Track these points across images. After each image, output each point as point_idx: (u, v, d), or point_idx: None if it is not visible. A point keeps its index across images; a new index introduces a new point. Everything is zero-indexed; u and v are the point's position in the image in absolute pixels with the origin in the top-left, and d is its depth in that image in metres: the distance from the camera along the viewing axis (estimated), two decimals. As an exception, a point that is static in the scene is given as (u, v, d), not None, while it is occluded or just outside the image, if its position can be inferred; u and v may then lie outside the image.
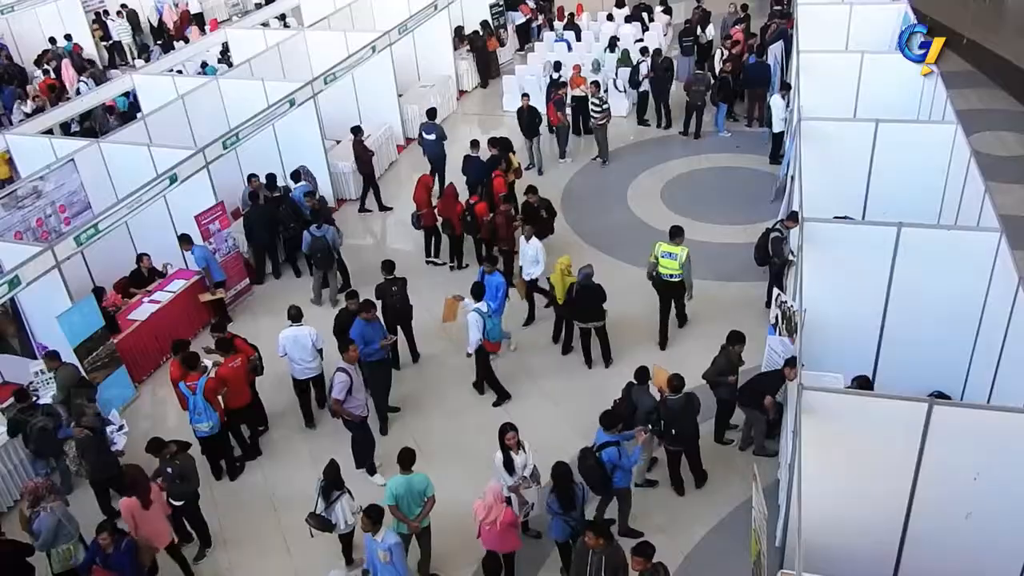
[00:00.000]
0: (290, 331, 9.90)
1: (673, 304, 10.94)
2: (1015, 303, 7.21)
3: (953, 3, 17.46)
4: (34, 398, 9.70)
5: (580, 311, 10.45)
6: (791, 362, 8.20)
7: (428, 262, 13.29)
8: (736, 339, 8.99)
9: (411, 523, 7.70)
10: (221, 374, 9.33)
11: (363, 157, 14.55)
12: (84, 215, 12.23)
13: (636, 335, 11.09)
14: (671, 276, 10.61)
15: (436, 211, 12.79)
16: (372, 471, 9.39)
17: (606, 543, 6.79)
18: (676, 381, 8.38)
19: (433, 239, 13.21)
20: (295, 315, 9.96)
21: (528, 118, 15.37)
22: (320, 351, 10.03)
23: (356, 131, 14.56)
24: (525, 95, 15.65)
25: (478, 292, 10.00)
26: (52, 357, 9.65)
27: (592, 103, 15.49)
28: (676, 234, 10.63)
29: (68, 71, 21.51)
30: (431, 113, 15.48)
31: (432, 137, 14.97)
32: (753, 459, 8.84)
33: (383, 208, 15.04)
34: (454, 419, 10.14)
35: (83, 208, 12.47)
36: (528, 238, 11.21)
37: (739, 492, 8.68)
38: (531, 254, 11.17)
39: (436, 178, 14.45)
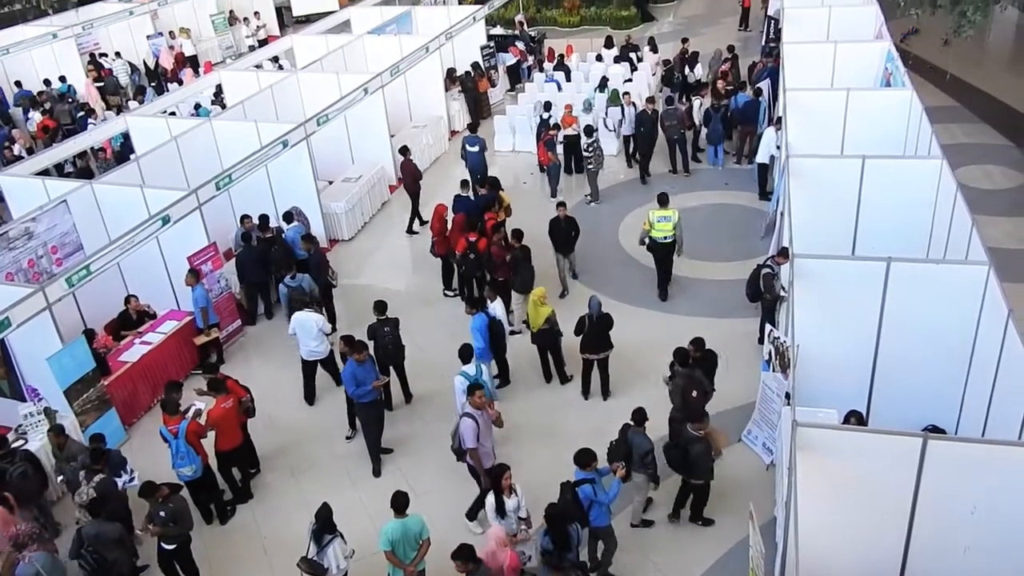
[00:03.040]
0: (300, 314, 10.82)
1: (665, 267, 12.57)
2: (1006, 335, 7.24)
3: (936, 40, 17.78)
4: (20, 441, 9.62)
5: (594, 343, 10.48)
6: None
7: (446, 294, 13.40)
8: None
9: (407, 568, 7.60)
10: (213, 416, 9.27)
11: (416, 175, 15.22)
12: (76, 256, 12.22)
13: (631, 371, 11.08)
14: (665, 238, 12.17)
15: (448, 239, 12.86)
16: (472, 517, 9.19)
17: (472, 569, 6.94)
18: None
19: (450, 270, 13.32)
20: (307, 303, 11.14)
21: (565, 229, 12.92)
22: (327, 335, 11.04)
23: (404, 151, 15.31)
24: (561, 204, 13.20)
25: (465, 354, 9.68)
26: (58, 432, 9.32)
27: (584, 148, 15.62)
28: (665, 200, 12.40)
29: (92, 90, 22.03)
30: (473, 127, 16.58)
31: (476, 149, 15.80)
32: (751, 498, 8.77)
33: (412, 231, 15.55)
34: (448, 459, 10.02)
35: (75, 249, 12.47)
36: (492, 299, 11.01)
37: (736, 531, 8.60)
38: (499, 315, 10.93)
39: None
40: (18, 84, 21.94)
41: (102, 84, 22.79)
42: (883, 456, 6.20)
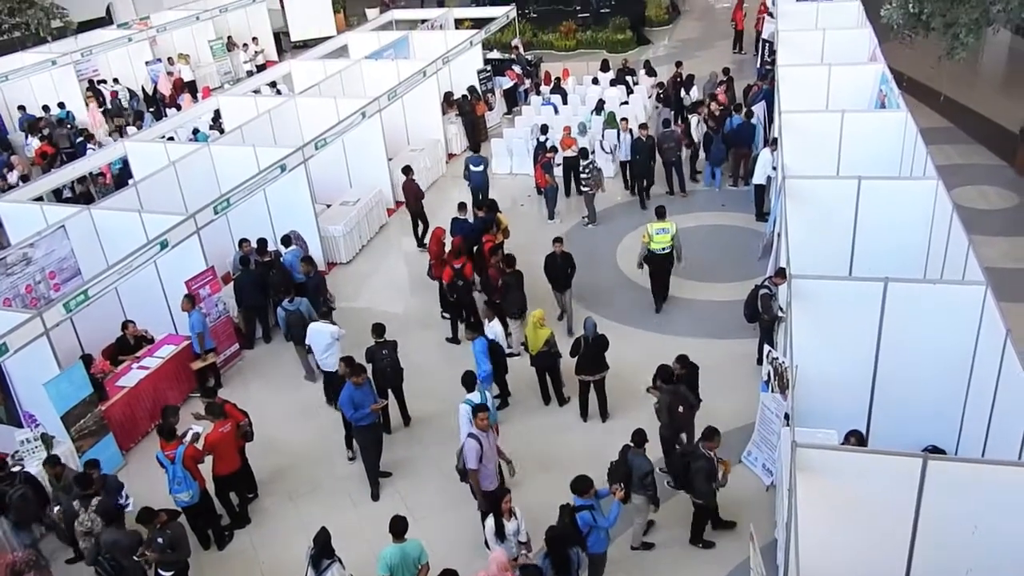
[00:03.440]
0: (315, 325, 11.22)
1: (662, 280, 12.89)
2: (1004, 355, 7.24)
3: (929, 62, 17.93)
4: (18, 467, 9.56)
5: (590, 364, 10.48)
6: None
7: (444, 316, 13.28)
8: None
9: (405, 592, 7.55)
10: (210, 440, 9.23)
11: (418, 195, 15.54)
12: (74, 281, 12.22)
13: (629, 393, 11.04)
14: (664, 249, 12.47)
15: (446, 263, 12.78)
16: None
17: None
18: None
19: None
20: (325, 314, 11.44)
21: (561, 266, 12.39)
22: (338, 340, 11.17)
23: (407, 171, 15.52)
24: (557, 240, 12.54)
25: (469, 382, 9.49)
26: (54, 463, 9.24)
27: (580, 170, 15.71)
28: (663, 213, 12.84)
29: (96, 114, 22.16)
30: (475, 147, 17.46)
31: (480, 168, 16.22)
32: (751, 519, 8.73)
33: (422, 244, 15.60)
34: (447, 483, 9.98)
35: (73, 274, 12.47)
36: (489, 319, 11.03)
37: (737, 553, 8.57)
38: (490, 336, 10.87)
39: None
40: (22, 108, 22.07)
41: (107, 107, 23.02)
42: (883, 477, 6.18)
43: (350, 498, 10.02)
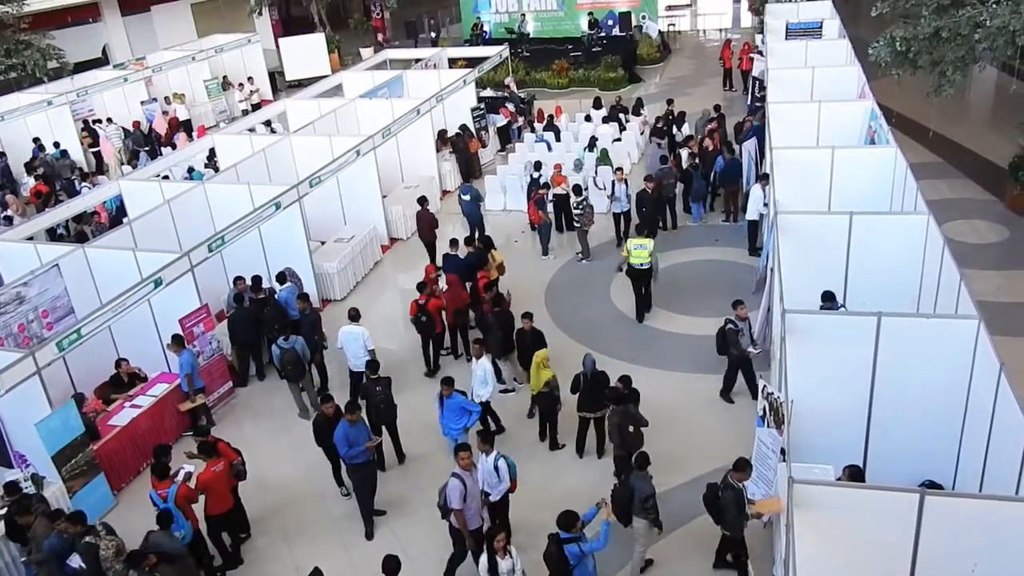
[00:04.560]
0: (346, 327, 11.67)
1: (643, 291, 13.69)
2: (999, 389, 7.24)
3: (918, 98, 18.18)
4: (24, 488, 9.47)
5: (591, 401, 10.45)
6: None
7: (439, 353, 13.22)
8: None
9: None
10: (203, 479, 9.15)
11: (432, 224, 15.92)
12: (67, 320, 12.18)
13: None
14: (641, 264, 13.32)
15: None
16: None
17: None
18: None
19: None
20: (354, 316, 11.81)
21: (529, 345, 11.26)
22: (372, 351, 11.49)
23: (422, 201, 16.00)
24: (527, 315, 11.63)
25: (488, 439, 9.22)
26: (24, 511, 9.00)
27: (573, 207, 15.81)
28: (641, 230, 13.69)
29: (106, 144, 22.59)
30: (466, 176, 17.87)
31: (467, 198, 16.48)
32: (749, 556, 8.65)
33: None
34: (441, 521, 9.88)
35: (66, 313, 12.43)
36: (478, 356, 10.88)
37: (735, 590, 8.48)
38: (479, 374, 10.78)
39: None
40: (36, 140, 22.14)
41: (96, 150, 23.15)
42: (881, 513, 6.15)
43: (344, 537, 9.91)
